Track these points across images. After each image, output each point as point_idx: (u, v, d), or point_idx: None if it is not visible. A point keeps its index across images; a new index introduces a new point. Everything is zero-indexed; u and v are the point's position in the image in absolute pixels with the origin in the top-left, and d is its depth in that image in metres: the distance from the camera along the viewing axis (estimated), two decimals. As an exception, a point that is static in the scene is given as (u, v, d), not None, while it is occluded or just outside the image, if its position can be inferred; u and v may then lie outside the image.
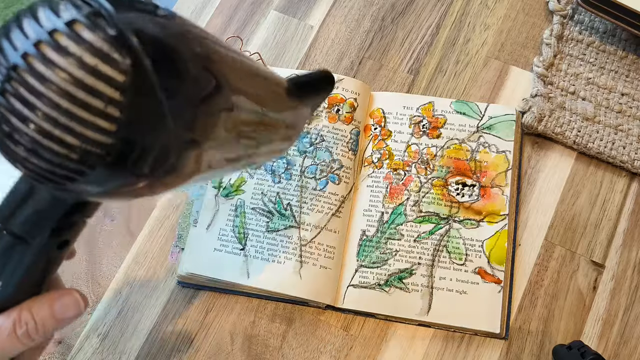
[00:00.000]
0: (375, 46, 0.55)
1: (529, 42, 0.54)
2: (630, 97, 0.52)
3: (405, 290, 0.46)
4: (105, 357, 0.46)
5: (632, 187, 0.50)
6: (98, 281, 0.48)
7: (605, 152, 0.50)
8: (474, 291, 0.45)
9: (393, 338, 0.46)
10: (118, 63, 0.20)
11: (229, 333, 0.46)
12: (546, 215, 0.49)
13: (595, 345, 0.45)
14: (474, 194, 0.48)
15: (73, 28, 0.20)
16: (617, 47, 0.54)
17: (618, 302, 0.46)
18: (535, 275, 0.47)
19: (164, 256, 0.49)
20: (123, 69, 0.20)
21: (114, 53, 0.20)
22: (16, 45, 0.20)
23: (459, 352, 0.45)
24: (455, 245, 0.47)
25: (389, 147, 0.50)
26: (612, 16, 0.50)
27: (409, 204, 0.48)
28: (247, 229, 0.48)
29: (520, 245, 0.48)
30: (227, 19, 0.57)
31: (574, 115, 0.51)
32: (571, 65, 0.53)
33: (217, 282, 0.47)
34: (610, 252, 0.48)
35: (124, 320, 0.47)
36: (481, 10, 0.56)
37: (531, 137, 0.51)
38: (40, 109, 0.20)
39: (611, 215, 0.49)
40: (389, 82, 0.54)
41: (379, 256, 0.47)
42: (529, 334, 0.46)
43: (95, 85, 0.20)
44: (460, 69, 0.54)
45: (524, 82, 0.53)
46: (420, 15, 0.56)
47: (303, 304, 0.47)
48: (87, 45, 0.20)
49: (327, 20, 0.56)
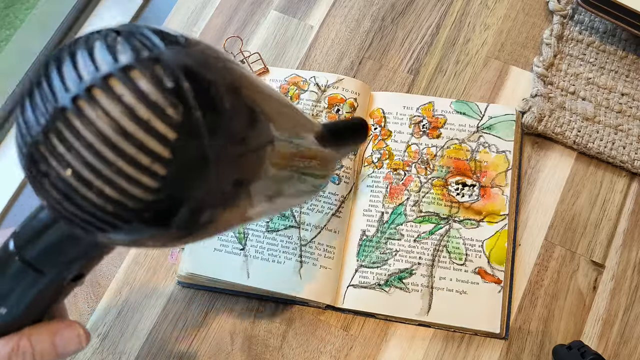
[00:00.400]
0: (375, 46, 0.55)
1: (529, 42, 0.54)
2: (630, 97, 0.52)
3: (405, 290, 0.46)
4: (105, 357, 0.46)
5: (632, 187, 0.50)
6: (98, 281, 0.48)
7: (605, 152, 0.50)
8: (474, 291, 0.45)
9: (393, 338, 0.46)
10: (171, 119, 0.19)
11: (228, 333, 0.46)
12: (546, 215, 0.49)
13: (595, 345, 0.45)
14: (474, 194, 0.48)
15: (129, 75, 0.19)
16: (617, 47, 0.54)
17: (618, 302, 0.46)
18: (535, 275, 0.47)
19: (163, 256, 0.49)
20: (175, 125, 0.19)
21: (168, 107, 0.19)
22: (67, 85, 0.19)
23: (459, 352, 0.45)
24: (455, 245, 0.47)
25: (389, 147, 0.50)
26: (612, 16, 0.50)
27: (409, 204, 0.48)
28: (247, 229, 0.48)
29: (520, 245, 0.48)
30: (227, 19, 0.57)
31: (574, 115, 0.51)
32: (571, 65, 0.53)
33: (217, 282, 0.47)
34: (610, 252, 0.48)
35: (124, 321, 0.47)
36: (481, 10, 0.56)
37: (531, 137, 0.51)
38: (83, 155, 0.19)
39: (611, 215, 0.49)
40: (389, 82, 0.54)
41: (379, 256, 0.47)
42: (529, 334, 0.46)
43: (145, 140, 0.19)
44: (460, 69, 0.54)
45: (524, 82, 0.53)
46: (420, 15, 0.56)
47: (303, 304, 0.47)
48: (143, 96, 0.19)
49: (327, 20, 0.56)
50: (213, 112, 0.20)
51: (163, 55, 0.19)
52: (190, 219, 0.21)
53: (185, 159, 0.20)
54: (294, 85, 0.52)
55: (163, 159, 0.19)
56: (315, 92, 0.51)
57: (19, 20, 1.06)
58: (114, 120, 0.19)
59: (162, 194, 0.20)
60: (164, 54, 0.19)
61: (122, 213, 0.20)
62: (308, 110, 0.51)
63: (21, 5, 1.02)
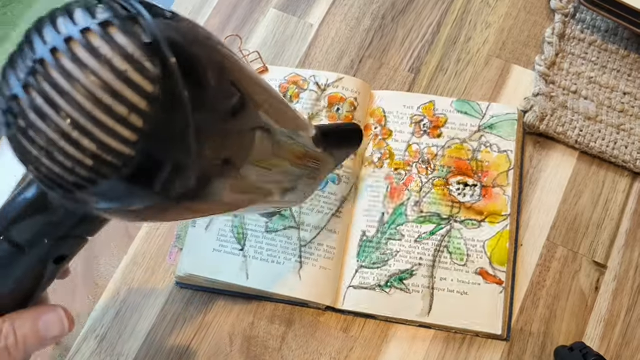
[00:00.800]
0: (376, 45, 0.55)
1: (530, 41, 0.54)
2: (632, 97, 0.52)
3: (406, 291, 0.45)
4: (103, 358, 0.46)
5: (634, 187, 0.49)
6: (96, 282, 0.48)
7: (608, 151, 0.49)
8: (475, 292, 0.45)
9: (393, 339, 0.45)
10: (149, 72, 0.19)
11: (227, 334, 0.46)
12: (548, 215, 0.48)
13: (597, 347, 0.45)
14: (475, 194, 0.48)
15: (107, 30, 0.19)
16: (619, 46, 0.53)
17: (620, 303, 0.46)
18: (537, 276, 0.47)
19: (162, 257, 0.49)
20: (153, 79, 0.19)
21: (146, 61, 0.19)
22: (46, 40, 0.20)
23: (460, 353, 0.45)
24: (456, 246, 0.46)
25: (390, 147, 0.50)
26: (614, 15, 0.50)
27: (410, 204, 0.48)
28: (247, 230, 0.47)
29: (522, 245, 0.48)
30: (225, 17, 0.56)
31: (576, 114, 0.50)
32: (573, 64, 0.53)
33: (216, 283, 0.46)
34: (612, 252, 0.47)
35: (122, 322, 0.47)
36: (482, 8, 0.55)
37: (533, 137, 0.51)
38: (61, 107, 0.19)
39: (614, 215, 0.48)
40: (390, 81, 0.53)
41: (380, 257, 0.46)
42: (531, 336, 0.45)
43: (122, 91, 0.19)
44: (461, 68, 0.53)
45: (526, 81, 0.52)
46: (421, 14, 0.56)
47: (303, 305, 0.46)
48: (120, 49, 0.19)
49: (327, 19, 0.56)
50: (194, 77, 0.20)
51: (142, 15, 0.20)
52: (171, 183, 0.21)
53: (163, 115, 0.20)
54: (293, 84, 0.52)
55: (141, 111, 0.19)
56: (315, 91, 0.51)
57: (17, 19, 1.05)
58: (92, 71, 0.19)
59: (140, 148, 0.20)
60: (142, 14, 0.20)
61: (100, 167, 0.20)
62: (308, 110, 0.50)
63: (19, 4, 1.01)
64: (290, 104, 0.51)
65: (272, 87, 0.27)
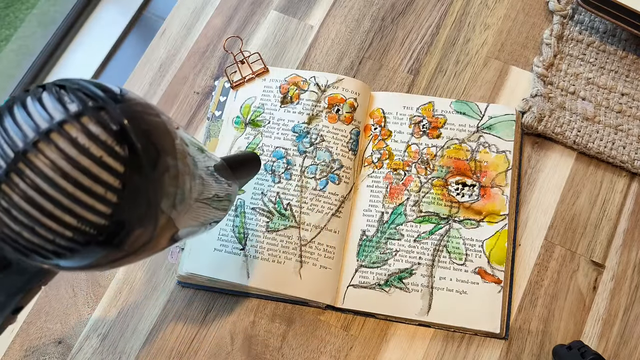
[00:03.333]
0: (375, 46, 0.55)
1: (529, 42, 0.54)
2: (630, 97, 0.52)
3: (405, 290, 0.46)
4: (105, 357, 0.46)
5: (632, 187, 0.50)
6: (98, 281, 0.48)
7: (605, 152, 0.50)
8: (474, 291, 0.45)
9: (393, 338, 0.46)
10: (119, 155, 0.23)
11: (229, 333, 0.46)
12: (546, 215, 0.49)
13: (595, 345, 0.45)
14: (474, 194, 0.48)
15: (82, 122, 0.22)
16: (617, 47, 0.54)
17: (618, 302, 0.46)
18: (535, 275, 0.47)
19: (163, 256, 0.49)
20: (122, 160, 0.23)
21: (116, 146, 0.23)
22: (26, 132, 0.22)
23: (459, 352, 0.45)
24: (455, 245, 0.47)
25: (389, 147, 0.50)
26: (612, 16, 0.50)
27: (409, 204, 0.48)
28: (247, 229, 0.48)
29: (520, 245, 0.48)
30: (227, 19, 0.57)
31: (574, 115, 0.51)
32: (571, 65, 0.53)
33: (217, 282, 0.47)
34: (610, 252, 0.48)
35: (123, 321, 0.47)
36: (481, 10, 0.56)
37: (531, 137, 0.51)
38: (46, 191, 0.22)
39: (611, 215, 0.49)
40: (389, 82, 0.54)
41: (379, 256, 0.47)
42: (529, 334, 0.46)
43: (99, 174, 0.22)
44: (460, 69, 0.54)
45: (524, 82, 0.53)
46: (420, 15, 0.56)
47: (303, 304, 0.47)
48: (94, 138, 0.22)
49: (327, 20, 0.56)
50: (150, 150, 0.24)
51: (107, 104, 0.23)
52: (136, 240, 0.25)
53: (131, 187, 0.23)
54: (294, 85, 0.52)
55: (114, 189, 0.23)
56: (315, 92, 0.51)
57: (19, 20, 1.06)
58: (72, 158, 0.22)
59: (113, 218, 0.23)
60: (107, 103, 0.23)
61: (80, 238, 0.23)
62: (308, 110, 0.51)
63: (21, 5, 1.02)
64: (290, 105, 0.51)
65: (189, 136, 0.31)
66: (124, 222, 0.24)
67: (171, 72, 0.55)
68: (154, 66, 0.56)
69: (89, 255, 0.24)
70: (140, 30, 1.26)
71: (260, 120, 0.51)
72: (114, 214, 0.23)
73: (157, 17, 1.27)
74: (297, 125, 0.50)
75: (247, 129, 0.51)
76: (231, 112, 0.52)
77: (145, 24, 1.27)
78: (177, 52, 0.56)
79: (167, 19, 0.58)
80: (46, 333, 0.47)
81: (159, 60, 0.56)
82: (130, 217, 0.24)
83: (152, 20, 1.27)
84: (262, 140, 0.50)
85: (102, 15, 1.28)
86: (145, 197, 0.24)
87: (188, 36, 0.57)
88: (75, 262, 0.24)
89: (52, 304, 0.48)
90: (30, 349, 0.46)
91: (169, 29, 0.57)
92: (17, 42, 1.01)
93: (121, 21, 1.26)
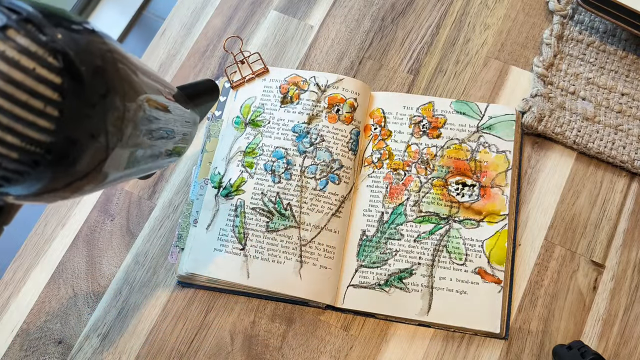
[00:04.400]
0: (375, 46, 0.55)
1: (529, 42, 0.54)
2: (630, 97, 0.52)
3: (405, 290, 0.46)
4: (105, 357, 0.46)
5: (632, 187, 0.50)
6: (98, 281, 0.48)
7: (605, 152, 0.50)
8: (474, 291, 0.45)
9: (393, 338, 0.46)
10: (54, 65, 0.21)
11: (229, 333, 0.46)
12: (546, 215, 0.49)
13: (595, 345, 0.45)
14: (474, 194, 0.48)
15: (7, 34, 0.21)
16: (617, 47, 0.54)
17: (618, 302, 0.46)
18: (536, 275, 0.47)
19: (163, 256, 0.49)
20: (58, 72, 0.21)
21: (49, 57, 0.21)
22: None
23: (458, 352, 0.45)
24: (455, 245, 0.47)
25: (389, 147, 0.50)
26: (612, 16, 0.50)
27: (409, 204, 0.48)
28: (247, 229, 0.48)
29: (520, 245, 0.48)
30: (227, 19, 0.57)
31: (574, 115, 0.51)
32: (571, 65, 0.53)
33: (217, 282, 0.47)
34: (610, 252, 0.48)
35: (123, 321, 0.47)
36: (481, 10, 0.56)
37: (531, 137, 0.51)
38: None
39: (611, 215, 0.49)
40: (389, 82, 0.54)
41: (379, 256, 0.47)
42: (529, 334, 0.46)
43: (34, 86, 0.21)
44: (460, 69, 0.54)
45: (524, 82, 0.53)
46: (420, 15, 0.56)
47: (303, 304, 0.47)
48: (23, 49, 0.21)
49: (327, 20, 0.56)
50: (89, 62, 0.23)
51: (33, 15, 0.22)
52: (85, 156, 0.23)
53: (72, 101, 0.22)
54: (294, 85, 0.52)
55: (54, 102, 0.21)
56: (315, 92, 0.51)
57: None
58: (2, 73, 0.21)
59: (59, 134, 0.22)
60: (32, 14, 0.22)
61: (26, 158, 0.22)
62: (308, 110, 0.51)
63: None
64: (290, 105, 0.51)
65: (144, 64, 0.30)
66: (71, 139, 0.22)
67: (171, 72, 0.55)
68: (154, 66, 0.56)
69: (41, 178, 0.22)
70: (140, 30, 1.27)
71: (260, 120, 0.51)
72: (58, 129, 0.22)
73: (157, 17, 1.27)
74: (297, 125, 0.50)
75: (247, 129, 0.51)
76: (231, 112, 0.52)
77: (145, 24, 1.27)
78: (177, 52, 0.56)
79: (167, 19, 0.58)
80: (46, 333, 0.47)
81: (159, 60, 0.56)
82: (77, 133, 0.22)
83: (152, 20, 1.27)
84: (262, 140, 0.50)
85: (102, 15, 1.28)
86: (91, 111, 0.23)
87: (188, 36, 0.57)
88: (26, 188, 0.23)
89: (52, 304, 0.48)
90: (30, 349, 0.46)
91: (169, 29, 0.57)
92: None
93: (121, 21, 1.26)
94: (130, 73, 0.26)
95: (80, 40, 0.23)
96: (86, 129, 0.23)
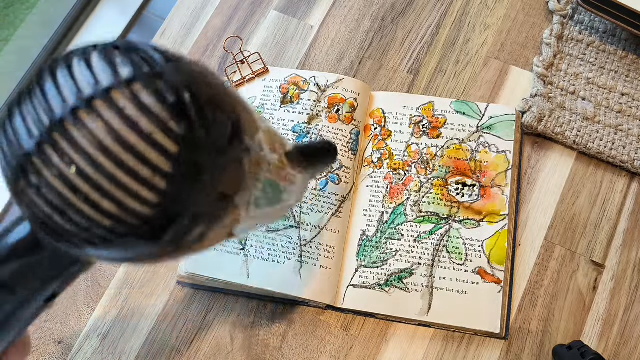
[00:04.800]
0: (375, 46, 0.55)
1: (529, 42, 0.54)
2: (630, 97, 0.52)
3: (405, 290, 0.46)
4: (105, 357, 0.46)
5: (632, 187, 0.50)
6: (98, 281, 0.48)
7: (605, 152, 0.50)
8: (474, 291, 0.45)
9: (393, 338, 0.46)
10: (174, 133, 0.19)
11: (229, 333, 0.46)
12: (546, 215, 0.49)
13: (595, 345, 0.45)
14: (474, 194, 0.48)
15: (132, 89, 0.19)
16: (617, 47, 0.54)
17: (618, 302, 0.46)
18: (535, 275, 0.47)
19: (163, 256, 0.49)
20: (177, 139, 0.19)
21: (170, 122, 0.19)
22: (65, 97, 0.19)
23: (458, 352, 0.45)
24: (455, 245, 0.47)
25: (389, 147, 0.50)
26: (612, 16, 0.50)
27: (409, 204, 0.48)
28: (247, 229, 0.48)
29: (520, 245, 0.48)
30: (226, 19, 0.57)
31: (574, 115, 0.51)
32: (571, 65, 0.53)
33: (217, 282, 0.47)
34: (610, 252, 0.48)
35: (124, 321, 0.47)
36: (481, 10, 0.56)
37: (531, 137, 0.51)
38: (81, 168, 0.18)
39: (611, 215, 0.49)
40: (389, 82, 0.54)
41: (379, 256, 0.47)
42: (529, 334, 0.46)
43: (147, 153, 0.19)
44: (460, 69, 0.54)
45: (524, 82, 0.53)
46: (420, 15, 0.56)
47: (303, 304, 0.47)
48: (146, 110, 0.19)
49: (327, 20, 0.56)
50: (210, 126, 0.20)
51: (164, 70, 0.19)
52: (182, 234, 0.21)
53: (184, 173, 0.19)
54: (294, 85, 0.52)
55: (164, 172, 0.19)
56: (315, 92, 0.51)
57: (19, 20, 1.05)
58: (116, 132, 0.18)
59: (160, 208, 0.19)
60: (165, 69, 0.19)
61: (118, 228, 0.19)
62: (308, 110, 0.51)
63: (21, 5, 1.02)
64: (290, 105, 0.51)
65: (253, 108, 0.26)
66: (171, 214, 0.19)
67: (171, 72, 0.55)
68: (154, 66, 0.56)
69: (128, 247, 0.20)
70: (140, 30, 1.27)
71: (260, 120, 0.51)
72: (161, 203, 0.19)
73: (157, 17, 1.27)
74: (297, 125, 0.50)
75: (247, 129, 0.51)
76: (231, 112, 0.52)
77: (145, 24, 1.27)
78: (177, 53, 0.56)
79: (167, 19, 0.58)
80: (46, 333, 0.47)
81: (159, 60, 0.56)
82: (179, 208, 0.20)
83: (152, 20, 1.27)
84: (262, 140, 0.50)
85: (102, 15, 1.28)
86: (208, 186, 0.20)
87: (188, 36, 0.57)
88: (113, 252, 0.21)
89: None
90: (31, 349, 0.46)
91: (169, 29, 0.57)
92: (17, 42, 1.01)
93: (121, 21, 1.26)
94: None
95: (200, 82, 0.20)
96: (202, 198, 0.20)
